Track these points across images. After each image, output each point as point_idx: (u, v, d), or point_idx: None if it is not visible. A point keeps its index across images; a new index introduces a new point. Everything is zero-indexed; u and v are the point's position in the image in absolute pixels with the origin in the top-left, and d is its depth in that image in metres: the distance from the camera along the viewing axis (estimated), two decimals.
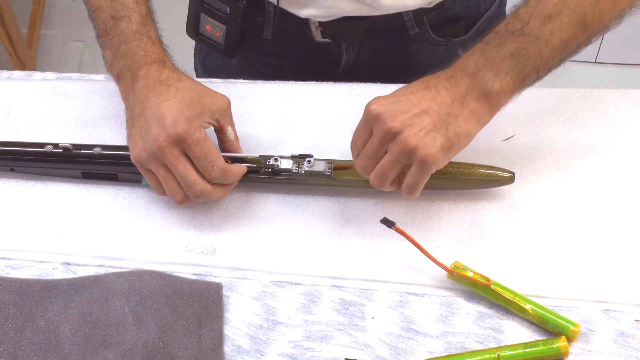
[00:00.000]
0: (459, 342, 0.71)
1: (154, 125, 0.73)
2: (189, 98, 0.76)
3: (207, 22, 0.94)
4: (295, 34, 0.94)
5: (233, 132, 0.80)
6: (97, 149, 0.82)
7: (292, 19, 0.91)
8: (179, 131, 0.73)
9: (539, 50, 0.72)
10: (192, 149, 0.73)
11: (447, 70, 0.73)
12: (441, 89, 0.71)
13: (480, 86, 0.71)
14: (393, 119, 0.69)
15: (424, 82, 0.73)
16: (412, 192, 0.73)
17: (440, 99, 0.71)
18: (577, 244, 0.77)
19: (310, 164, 0.79)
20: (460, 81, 0.71)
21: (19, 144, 0.85)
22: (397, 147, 0.70)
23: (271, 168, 0.79)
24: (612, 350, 0.70)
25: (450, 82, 0.72)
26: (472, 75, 0.71)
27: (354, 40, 0.95)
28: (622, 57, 2.10)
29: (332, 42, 0.95)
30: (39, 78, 0.97)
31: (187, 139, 0.73)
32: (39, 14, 2.19)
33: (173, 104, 0.74)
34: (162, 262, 0.78)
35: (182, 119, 0.73)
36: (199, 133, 0.74)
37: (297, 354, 0.71)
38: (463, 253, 0.76)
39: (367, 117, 0.72)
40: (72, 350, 0.71)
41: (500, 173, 0.78)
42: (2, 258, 0.80)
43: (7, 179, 0.86)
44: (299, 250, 0.78)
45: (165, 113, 0.74)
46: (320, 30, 0.93)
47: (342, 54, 0.97)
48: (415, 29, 0.93)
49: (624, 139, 0.85)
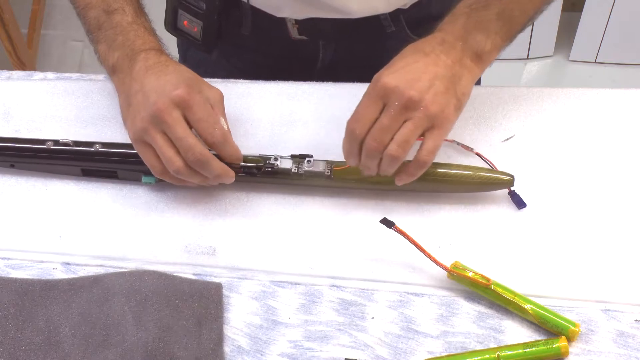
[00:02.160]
0: (459, 342, 0.71)
1: (153, 95, 0.74)
2: (187, 77, 0.76)
3: (185, 18, 0.94)
4: (272, 30, 0.95)
5: (226, 124, 0.78)
6: (97, 146, 0.82)
7: (269, 16, 0.92)
8: (180, 93, 0.73)
9: (523, 8, 0.75)
10: (194, 110, 0.73)
11: (434, 36, 0.74)
12: (439, 54, 0.73)
13: (473, 47, 0.74)
14: (411, 88, 0.70)
15: (418, 50, 0.73)
16: (431, 156, 0.73)
17: (442, 62, 0.72)
18: (576, 243, 0.77)
19: (309, 164, 0.79)
20: (454, 44, 0.74)
21: (19, 140, 0.86)
22: (420, 113, 0.70)
23: (270, 167, 0.79)
24: (612, 350, 0.70)
25: (445, 47, 0.73)
26: (463, 38, 0.74)
27: (331, 38, 0.95)
28: (622, 57, 2.10)
29: (308, 39, 0.95)
30: (39, 78, 0.97)
31: (189, 100, 0.73)
32: (39, 14, 2.20)
33: (171, 77, 0.75)
34: (162, 262, 0.78)
35: (183, 85, 0.74)
36: (200, 97, 0.74)
37: (297, 354, 0.71)
38: (463, 253, 0.76)
39: (380, 91, 0.71)
40: (72, 350, 0.71)
41: (500, 176, 0.78)
42: (2, 258, 0.80)
43: (7, 179, 0.86)
44: (299, 250, 0.78)
45: (165, 83, 0.74)
46: (297, 27, 0.93)
47: (319, 51, 0.97)
48: (392, 27, 0.93)
49: (624, 139, 0.85)
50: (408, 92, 0.70)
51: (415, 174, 0.74)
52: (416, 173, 0.74)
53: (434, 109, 0.70)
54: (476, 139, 0.85)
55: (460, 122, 0.85)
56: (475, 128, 0.86)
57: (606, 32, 2.04)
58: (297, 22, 0.93)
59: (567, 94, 0.89)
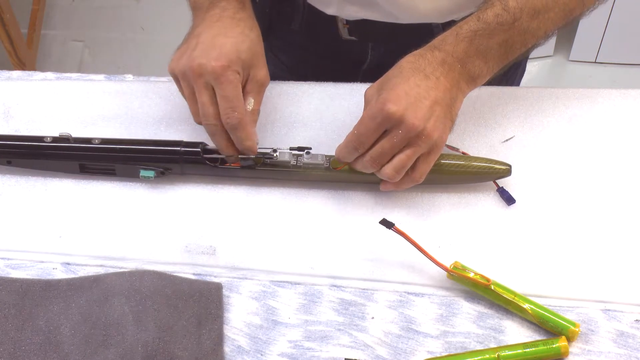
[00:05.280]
0: (459, 342, 0.71)
1: (200, 50, 0.74)
2: (246, 47, 0.76)
3: None
4: (322, 28, 0.95)
5: (253, 105, 0.79)
6: (96, 141, 0.82)
7: (320, 14, 0.92)
8: (216, 66, 0.73)
9: (525, 41, 0.76)
10: (223, 86, 0.74)
11: (434, 55, 0.74)
12: (439, 77, 0.73)
13: (471, 72, 0.75)
14: (415, 117, 0.71)
15: (419, 70, 0.73)
16: (424, 177, 0.76)
17: (442, 86, 0.73)
18: (577, 244, 0.77)
19: (308, 155, 0.79)
20: (453, 67, 0.74)
21: (16, 137, 0.86)
22: (422, 142, 0.72)
23: (269, 159, 0.79)
24: (612, 350, 0.70)
25: (445, 68, 0.74)
26: (462, 61, 0.74)
27: (380, 41, 0.95)
28: (622, 57, 2.10)
29: (358, 40, 0.95)
30: (39, 78, 0.97)
31: (221, 77, 0.73)
32: (39, 14, 2.20)
33: (228, 42, 0.75)
34: (162, 262, 0.78)
35: (226, 59, 0.74)
36: (234, 76, 0.74)
37: (297, 354, 0.71)
38: (463, 253, 0.76)
39: (385, 119, 0.71)
40: (72, 350, 0.71)
41: (497, 166, 0.79)
42: (2, 258, 0.80)
43: (7, 179, 0.86)
44: (299, 250, 0.78)
45: (217, 45, 0.75)
46: (347, 28, 0.93)
47: (368, 53, 0.97)
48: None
49: (624, 139, 0.85)
50: (412, 122, 0.71)
51: (403, 188, 0.77)
52: (405, 187, 0.77)
53: (434, 136, 0.72)
54: (476, 140, 0.85)
55: (460, 123, 0.85)
56: (475, 128, 0.86)
57: (606, 32, 2.04)
58: (347, 23, 0.93)
59: (567, 94, 0.89)
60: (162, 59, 0.79)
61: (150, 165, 0.82)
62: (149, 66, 2.19)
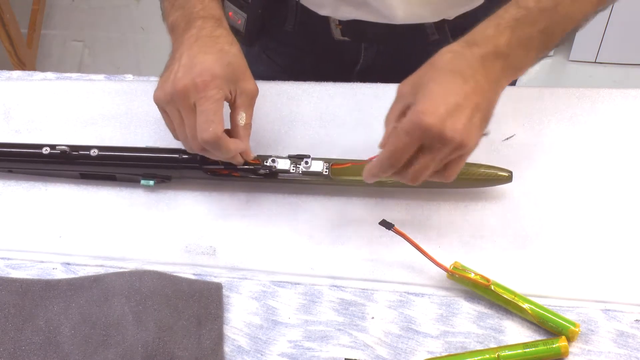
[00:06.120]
0: (459, 342, 0.71)
1: (182, 72, 0.73)
2: (227, 62, 0.75)
3: (230, 9, 0.94)
4: (316, 29, 0.95)
5: (245, 120, 0.77)
6: (94, 151, 0.81)
7: (313, 15, 0.92)
8: (199, 82, 0.72)
9: (565, 27, 0.72)
10: (202, 101, 0.72)
11: (473, 52, 0.69)
12: (479, 79, 0.68)
13: (512, 65, 0.71)
14: (454, 131, 0.66)
15: (456, 73, 0.68)
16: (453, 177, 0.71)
17: (481, 89, 0.68)
18: (577, 244, 0.77)
19: (307, 164, 0.79)
20: (494, 64, 0.69)
21: (16, 145, 0.85)
22: (460, 152, 0.68)
23: (269, 169, 0.79)
24: (612, 350, 0.70)
25: (485, 67, 0.69)
26: (504, 55, 0.70)
27: (373, 41, 0.95)
28: (622, 57, 2.10)
29: (351, 41, 0.95)
30: (39, 78, 0.97)
31: (201, 92, 0.72)
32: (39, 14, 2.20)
33: (210, 59, 0.74)
34: (162, 262, 0.78)
35: (208, 74, 0.73)
36: (217, 92, 0.73)
37: (297, 354, 0.71)
38: (463, 253, 0.76)
39: (422, 134, 0.66)
40: (72, 350, 0.71)
41: (498, 172, 0.78)
42: (2, 258, 0.80)
43: (7, 180, 0.86)
44: (299, 250, 0.78)
45: (197, 63, 0.73)
46: (340, 28, 0.93)
47: (361, 54, 0.97)
48: (436, 35, 0.93)
49: (624, 139, 0.85)
50: (451, 136, 0.66)
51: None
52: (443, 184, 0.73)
53: (471, 144, 0.68)
54: None
55: None
56: None
57: (606, 32, 2.04)
58: (340, 23, 0.93)
59: (567, 94, 0.89)
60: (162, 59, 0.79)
61: (149, 174, 0.82)
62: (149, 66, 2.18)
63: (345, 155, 0.81)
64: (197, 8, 0.78)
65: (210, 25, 0.77)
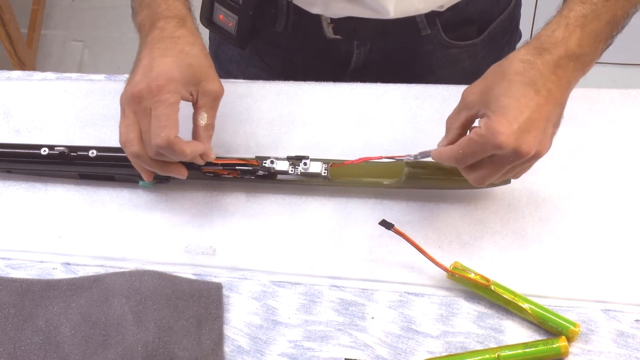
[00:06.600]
0: (459, 342, 0.71)
1: (140, 75, 0.73)
2: (187, 64, 0.74)
3: (220, 12, 0.94)
4: (307, 28, 0.94)
5: (206, 120, 0.76)
6: (92, 152, 0.81)
7: (305, 14, 0.91)
8: (153, 87, 0.71)
9: (627, 11, 0.71)
10: (156, 105, 0.72)
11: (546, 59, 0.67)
12: (551, 88, 0.67)
13: (583, 64, 0.70)
14: (527, 146, 0.66)
15: (529, 85, 0.66)
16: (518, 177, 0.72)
17: (554, 99, 0.67)
18: (576, 243, 0.77)
19: (306, 165, 0.79)
20: (566, 67, 0.68)
21: (15, 146, 0.85)
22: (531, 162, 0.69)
23: (267, 171, 0.79)
24: (612, 350, 0.70)
25: (557, 74, 0.67)
26: (576, 57, 0.68)
27: (365, 38, 0.95)
28: (622, 57, 2.10)
29: (343, 39, 0.95)
30: (39, 78, 0.96)
31: (156, 96, 0.72)
32: (39, 14, 2.19)
33: (168, 62, 0.73)
34: (162, 262, 0.78)
35: (163, 78, 0.72)
36: (171, 96, 0.72)
37: (297, 354, 0.71)
38: (463, 253, 0.76)
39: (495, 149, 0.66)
40: (72, 350, 0.71)
41: None
42: (2, 258, 0.80)
43: (6, 180, 0.86)
44: (299, 250, 0.78)
45: (155, 66, 0.73)
46: (332, 26, 0.93)
47: (353, 52, 0.97)
48: (427, 30, 0.93)
49: (624, 139, 0.84)
50: (525, 150, 0.66)
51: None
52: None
53: (542, 154, 0.68)
54: None
55: None
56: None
57: None
58: (332, 21, 0.93)
59: None
60: None
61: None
62: None
63: (345, 156, 0.81)
64: (162, 7, 0.77)
65: (172, 25, 0.76)
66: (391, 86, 0.89)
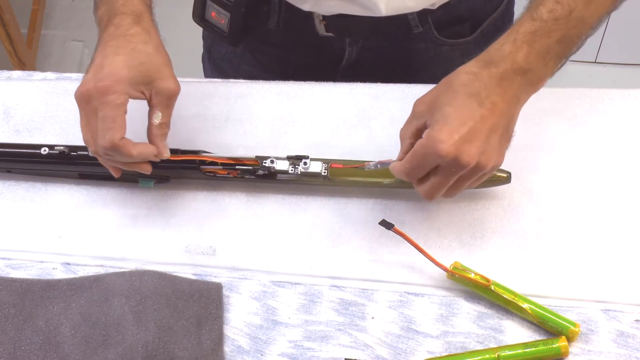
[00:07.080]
0: (459, 342, 0.71)
1: (91, 74, 0.73)
2: (138, 62, 0.73)
3: (213, 9, 0.94)
4: (299, 26, 0.94)
5: (161, 119, 0.75)
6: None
7: (297, 11, 0.91)
8: (100, 87, 0.71)
9: (580, 33, 0.71)
10: (102, 107, 0.71)
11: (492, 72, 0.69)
12: (496, 100, 0.68)
13: (531, 80, 0.70)
14: (469, 156, 0.66)
15: (472, 96, 0.67)
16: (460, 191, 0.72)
17: (499, 111, 0.68)
18: (577, 243, 0.77)
19: (306, 165, 0.79)
20: (512, 82, 0.69)
21: (15, 145, 0.85)
22: (473, 173, 0.69)
23: (267, 170, 0.79)
24: (612, 350, 0.70)
25: (503, 87, 0.68)
26: (523, 72, 0.69)
27: (357, 36, 0.95)
28: (622, 57, 2.10)
29: (335, 36, 0.95)
30: (39, 78, 0.96)
31: (102, 97, 0.71)
32: (39, 14, 2.19)
33: (119, 61, 0.73)
34: (162, 262, 0.78)
35: (110, 78, 0.71)
36: (118, 97, 0.71)
37: (297, 354, 0.71)
38: (463, 253, 0.76)
39: (437, 159, 0.67)
40: (72, 350, 0.71)
41: (497, 173, 0.78)
42: (2, 258, 0.80)
43: (6, 180, 0.86)
44: (299, 250, 0.78)
45: (105, 65, 0.72)
46: (324, 24, 0.93)
47: (345, 49, 0.97)
48: (419, 28, 0.93)
49: (624, 139, 0.84)
50: (466, 160, 0.66)
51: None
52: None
53: (487, 167, 0.68)
54: None
55: None
56: None
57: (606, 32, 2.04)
58: (324, 19, 0.93)
59: (567, 94, 0.89)
60: None
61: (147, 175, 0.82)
62: None
63: (345, 155, 0.81)
64: (119, 3, 0.77)
65: (128, 22, 0.75)
66: (391, 86, 0.89)
